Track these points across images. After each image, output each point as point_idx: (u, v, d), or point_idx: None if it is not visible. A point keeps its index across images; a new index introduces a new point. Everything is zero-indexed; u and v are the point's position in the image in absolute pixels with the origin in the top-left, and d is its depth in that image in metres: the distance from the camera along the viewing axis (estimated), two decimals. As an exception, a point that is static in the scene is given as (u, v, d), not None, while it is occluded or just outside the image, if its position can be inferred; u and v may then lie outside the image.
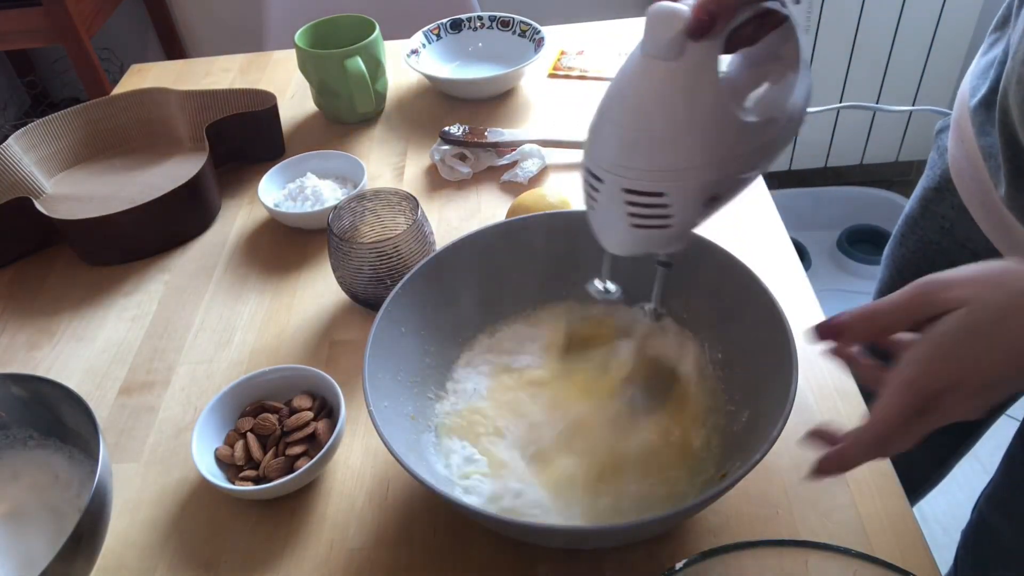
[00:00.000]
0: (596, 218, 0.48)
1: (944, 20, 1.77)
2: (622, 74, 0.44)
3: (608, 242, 0.49)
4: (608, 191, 0.45)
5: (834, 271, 1.93)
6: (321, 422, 0.60)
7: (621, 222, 0.46)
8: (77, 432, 0.57)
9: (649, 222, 0.45)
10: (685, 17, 0.40)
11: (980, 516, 0.82)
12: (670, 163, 0.43)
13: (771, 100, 0.48)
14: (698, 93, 0.42)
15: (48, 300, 0.79)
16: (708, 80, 0.42)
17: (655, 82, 0.42)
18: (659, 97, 0.42)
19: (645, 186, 0.44)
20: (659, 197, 0.44)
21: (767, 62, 0.49)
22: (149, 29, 2.03)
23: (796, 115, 0.48)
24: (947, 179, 0.71)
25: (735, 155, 0.45)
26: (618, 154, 0.44)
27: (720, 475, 0.52)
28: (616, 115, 0.44)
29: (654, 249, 0.50)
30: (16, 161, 0.87)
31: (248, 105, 0.92)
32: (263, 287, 0.78)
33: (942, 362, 0.42)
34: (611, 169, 0.44)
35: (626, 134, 0.43)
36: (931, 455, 0.91)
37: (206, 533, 0.58)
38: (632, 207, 0.44)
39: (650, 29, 0.41)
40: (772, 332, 0.53)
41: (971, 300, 0.41)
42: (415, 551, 0.55)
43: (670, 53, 0.41)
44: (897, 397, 0.43)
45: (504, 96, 1.02)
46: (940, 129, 0.74)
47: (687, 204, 0.45)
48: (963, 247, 0.71)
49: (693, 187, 0.44)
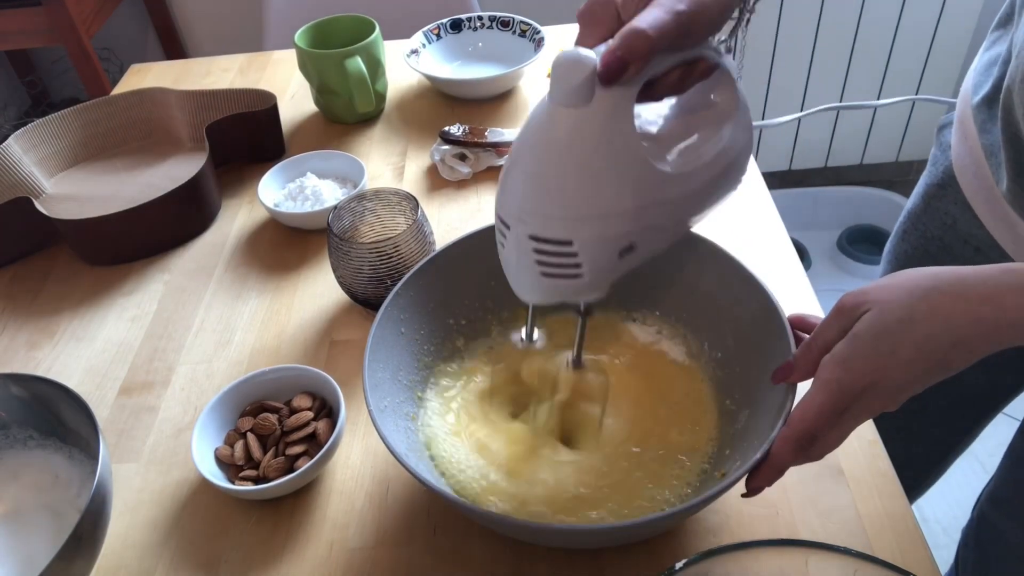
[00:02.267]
0: (507, 266, 0.46)
1: (944, 20, 1.77)
2: (530, 121, 0.43)
3: (520, 290, 0.47)
4: (515, 238, 0.43)
5: (834, 271, 1.93)
6: (321, 422, 0.60)
7: (530, 270, 0.44)
8: (77, 432, 0.57)
9: (558, 271, 0.44)
10: (592, 65, 0.39)
11: (981, 515, 0.82)
12: (576, 211, 0.42)
13: (698, 149, 0.47)
14: (607, 141, 0.41)
15: (48, 300, 0.79)
16: (618, 128, 0.41)
17: (561, 129, 0.41)
18: (565, 144, 0.41)
19: (550, 233, 0.42)
20: (566, 245, 0.42)
21: (700, 110, 0.48)
22: (149, 29, 2.03)
23: (730, 164, 0.47)
24: (950, 175, 0.71)
25: (651, 205, 0.43)
26: (524, 201, 0.43)
27: (720, 475, 0.53)
28: (522, 162, 0.43)
29: (567, 298, 0.47)
30: (16, 161, 0.87)
31: (248, 105, 0.92)
32: (263, 287, 0.78)
33: (860, 360, 0.44)
34: (518, 215, 0.43)
35: (532, 181, 0.42)
36: (928, 453, 0.91)
37: (206, 533, 0.58)
38: (540, 255, 0.43)
39: (556, 76, 0.40)
40: (772, 332, 0.53)
41: (880, 302, 0.44)
42: (415, 551, 0.55)
43: (577, 100, 0.40)
44: (818, 395, 0.45)
45: (504, 96, 1.02)
46: (943, 125, 0.74)
47: (597, 254, 0.43)
48: (965, 243, 0.71)
49: (602, 236, 0.43)
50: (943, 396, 0.82)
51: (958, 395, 0.82)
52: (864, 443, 0.59)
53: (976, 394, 0.82)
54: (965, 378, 0.79)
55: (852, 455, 0.58)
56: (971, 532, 0.84)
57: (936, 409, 0.84)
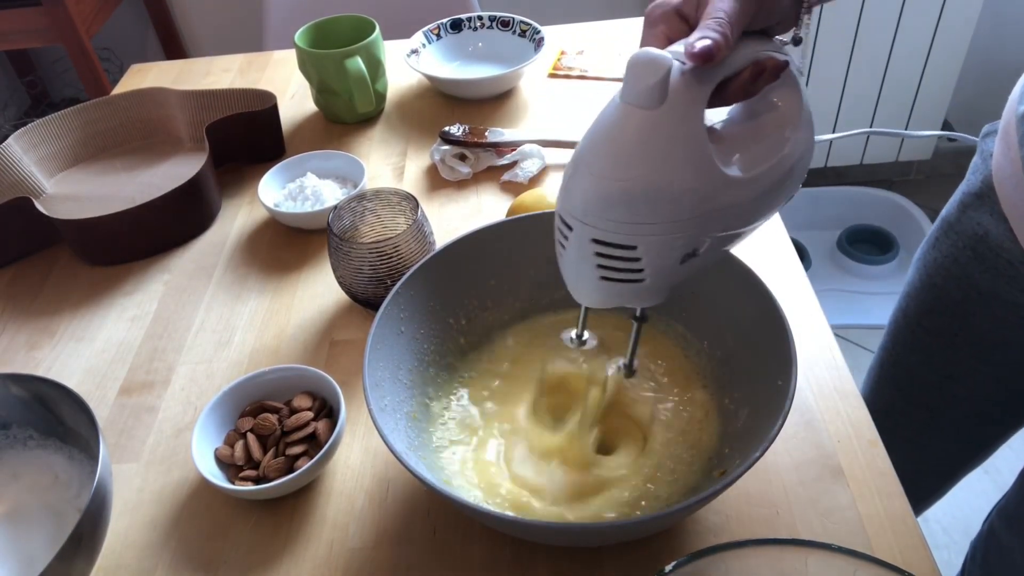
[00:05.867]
0: (565, 267, 0.45)
1: (941, 27, 1.77)
2: (600, 120, 0.42)
3: (577, 293, 0.47)
4: (577, 240, 0.43)
5: (834, 271, 1.93)
6: (321, 422, 0.60)
7: (590, 273, 0.44)
8: (77, 432, 0.57)
9: (620, 275, 0.43)
10: (668, 65, 0.39)
11: (991, 530, 0.80)
12: (643, 216, 0.41)
13: (763, 155, 0.46)
14: (678, 144, 0.40)
15: (48, 300, 0.79)
16: (690, 131, 0.41)
17: (632, 131, 0.40)
18: (635, 146, 0.40)
19: (615, 238, 0.41)
20: (630, 250, 0.42)
21: (764, 113, 0.48)
22: (149, 29, 2.03)
23: (793, 172, 0.46)
24: (988, 185, 0.69)
25: (716, 211, 0.42)
26: (589, 203, 0.41)
27: (719, 474, 0.53)
28: (590, 162, 0.41)
29: (626, 303, 0.46)
30: (16, 161, 0.87)
31: (248, 105, 0.92)
32: (263, 287, 0.78)
33: None
34: (581, 218, 0.42)
35: (599, 183, 0.41)
36: (940, 467, 0.90)
37: (206, 533, 0.58)
38: (601, 259, 0.42)
39: (630, 76, 0.39)
40: (772, 332, 0.53)
41: None
42: (415, 551, 0.55)
43: (650, 101, 0.39)
44: None
45: (504, 96, 1.02)
46: (986, 133, 0.72)
47: (660, 259, 0.42)
48: (998, 255, 0.69)
49: (667, 242, 0.42)
50: (958, 410, 0.82)
51: (974, 411, 0.81)
52: (864, 443, 0.59)
53: (993, 412, 0.81)
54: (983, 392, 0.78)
55: (852, 455, 0.58)
56: (979, 545, 0.83)
57: (950, 424, 0.84)
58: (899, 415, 0.86)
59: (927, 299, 0.79)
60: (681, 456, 0.56)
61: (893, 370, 0.86)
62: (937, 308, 0.78)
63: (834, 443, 0.59)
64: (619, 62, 1.06)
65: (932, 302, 0.78)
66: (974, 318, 0.74)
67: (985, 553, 0.81)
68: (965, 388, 0.79)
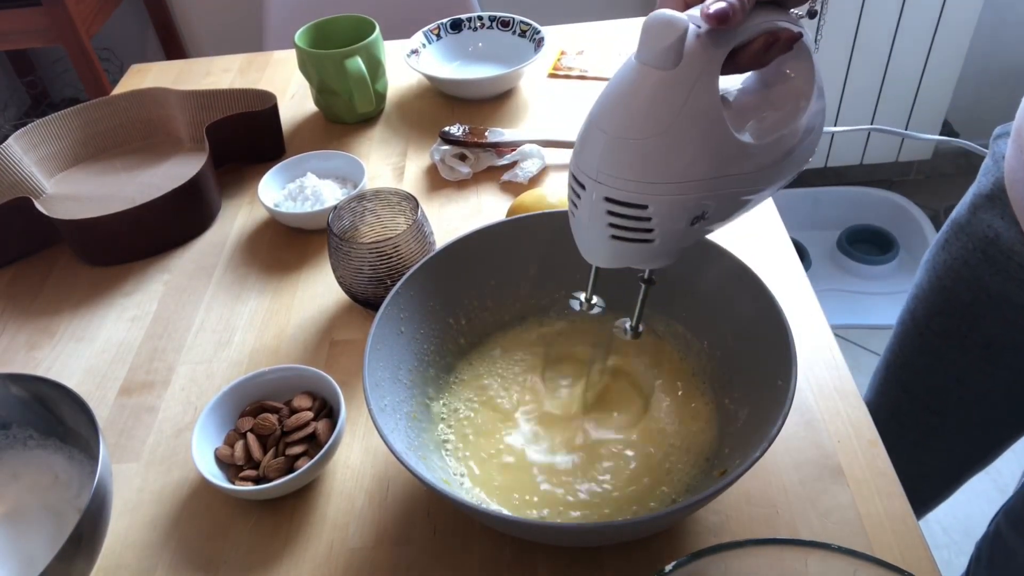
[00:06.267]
0: (577, 226, 0.46)
1: (941, 27, 1.77)
2: (615, 80, 0.43)
3: (588, 253, 0.48)
4: (589, 199, 0.44)
5: (834, 271, 1.93)
6: (321, 422, 0.60)
7: (601, 232, 0.44)
8: (77, 432, 0.57)
9: (630, 235, 0.44)
10: (684, 27, 0.39)
11: (997, 531, 0.80)
12: (655, 175, 0.42)
13: (775, 124, 0.46)
14: (692, 106, 0.41)
15: (48, 300, 0.79)
16: (704, 93, 0.41)
17: (647, 90, 0.41)
18: (650, 106, 0.41)
19: (627, 196, 0.42)
20: (641, 210, 0.42)
21: (777, 83, 0.48)
22: (149, 29, 2.03)
23: (804, 142, 0.47)
24: (1000, 187, 0.69)
25: (728, 175, 0.43)
26: (602, 161, 0.42)
27: (719, 474, 0.53)
28: (604, 121, 0.42)
29: (635, 264, 0.47)
30: (16, 161, 0.87)
31: (248, 105, 0.92)
32: (263, 287, 0.78)
33: None
34: (594, 176, 0.43)
35: (612, 142, 0.42)
36: (945, 469, 0.89)
37: (206, 533, 0.58)
38: (613, 217, 0.43)
39: (646, 36, 0.40)
40: (772, 332, 0.53)
41: None
42: (415, 551, 0.55)
43: (665, 62, 0.40)
44: None
45: (504, 96, 1.02)
46: (998, 135, 0.72)
47: (671, 220, 0.43)
48: (1009, 258, 0.69)
49: (678, 203, 0.42)
50: (966, 413, 0.82)
51: (982, 414, 0.81)
52: (864, 443, 0.59)
53: (1002, 415, 0.81)
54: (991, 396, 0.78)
55: (852, 455, 0.58)
56: (985, 546, 0.83)
57: (957, 427, 0.83)
58: (905, 417, 0.86)
59: (936, 301, 0.78)
60: (681, 456, 0.56)
61: (900, 372, 0.86)
62: (946, 310, 0.77)
63: (834, 443, 0.59)
64: (619, 62, 1.05)
65: (941, 304, 0.78)
66: (983, 321, 0.74)
67: (991, 554, 0.81)
68: (973, 391, 0.79)
